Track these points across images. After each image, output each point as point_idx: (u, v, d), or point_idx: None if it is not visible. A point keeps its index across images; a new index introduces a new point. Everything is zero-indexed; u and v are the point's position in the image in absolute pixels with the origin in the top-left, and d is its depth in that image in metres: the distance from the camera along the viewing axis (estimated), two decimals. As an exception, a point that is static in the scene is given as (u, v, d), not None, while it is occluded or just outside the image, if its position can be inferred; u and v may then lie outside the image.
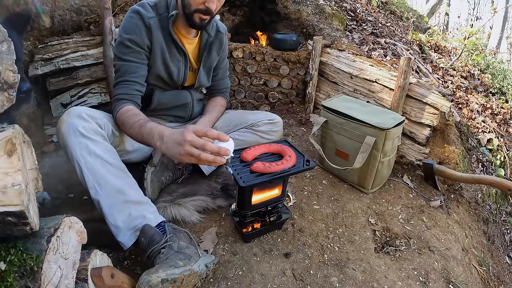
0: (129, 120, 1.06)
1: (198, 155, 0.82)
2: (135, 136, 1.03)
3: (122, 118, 1.09)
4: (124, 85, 1.16)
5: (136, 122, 1.03)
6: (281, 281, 1.04)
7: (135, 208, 1.01)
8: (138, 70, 1.18)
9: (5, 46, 0.57)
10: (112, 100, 1.16)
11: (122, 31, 1.17)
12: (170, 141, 0.89)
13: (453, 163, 1.71)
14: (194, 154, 0.82)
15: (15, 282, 0.60)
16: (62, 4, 1.80)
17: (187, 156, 0.83)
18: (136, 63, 1.17)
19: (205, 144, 0.83)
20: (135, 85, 1.17)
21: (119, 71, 1.17)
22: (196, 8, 1.13)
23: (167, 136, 0.91)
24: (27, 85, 0.91)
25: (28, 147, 0.67)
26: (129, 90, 1.16)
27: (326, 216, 1.36)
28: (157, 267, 0.85)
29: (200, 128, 0.86)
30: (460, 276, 1.19)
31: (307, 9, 2.67)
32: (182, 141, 0.84)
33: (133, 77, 1.16)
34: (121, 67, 1.17)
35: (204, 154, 0.82)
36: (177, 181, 1.42)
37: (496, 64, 4.23)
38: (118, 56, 1.18)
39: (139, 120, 1.03)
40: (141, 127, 1.00)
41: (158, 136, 0.93)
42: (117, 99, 1.14)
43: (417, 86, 1.74)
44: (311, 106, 2.40)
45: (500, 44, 9.14)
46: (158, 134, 0.93)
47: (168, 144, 0.89)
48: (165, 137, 0.91)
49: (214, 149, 0.83)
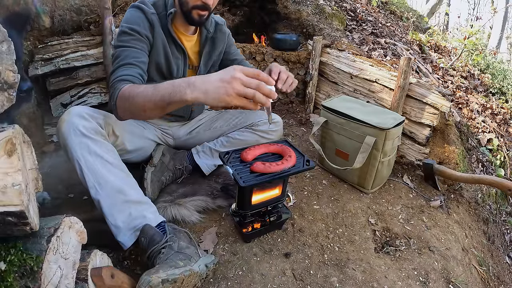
0: (138, 87, 0.90)
1: (253, 95, 0.73)
2: (150, 98, 0.84)
3: (127, 92, 0.91)
4: (127, 68, 1.03)
5: (148, 86, 0.87)
6: (281, 281, 1.04)
7: (135, 208, 1.01)
8: (140, 56, 1.09)
9: (5, 46, 0.57)
10: (111, 84, 0.99)
11: (124, 22, 1.13)
12: (209, 83, 0.74)
13: (453, 163, 1.71)
14: (248, 94, 0.72)
15: (15, 282, 0.60)
16: (62, 4, 1.80)
17: (237, 96, 0.72)
18: (138, 49, 1.09)
19: (260, 84, 0.74)
20: (137, 69, 1.05)
21: (119, 56, 1.06)
22: (194, 5, 1.13)
23: (201, 80, 0.76)
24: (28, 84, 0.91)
25: (28, 147, 0.67)
26: (131, 72, 1.02)
27: (326, 216, 1.36)
28: (157, 267, 0.85)
29: (248, 68, 0.76)
30: (460, 276, 1.19)
31: (307, 9, 2.67)
32: (230, 79, 0.72)
33: (136, 61, 1.06)
34: (122, 52, 1.06)
35: (259, 94, 0.73)
36: (177, 181, 1.42)
37: (496, 64, 4.22)
38: (118, 45, 1.09)
39: (151, 84, 0.88)
40: (157, 86, 0.84)
41: (186, 83, 0.77)
42: (118, 80, 0.98)
43: (417, 86, 1.74)
44: (311, 106, 2.40)
45: (500, 44, 9.15)
46: (186, 81, 0.78)
47: (206, 86, 0.74)
48: (197, 82, 0.76)
49: (267, 90, 0.75)
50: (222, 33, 1.37)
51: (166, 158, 1.37)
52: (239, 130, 1.47)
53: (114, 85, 0.98)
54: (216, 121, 1.51)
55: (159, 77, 1.28)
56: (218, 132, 1.50)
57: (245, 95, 0.73)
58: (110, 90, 0.99)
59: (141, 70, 1.06)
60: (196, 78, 0.77)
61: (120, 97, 0.93)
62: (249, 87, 0.73)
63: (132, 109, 0.91)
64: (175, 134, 1.47)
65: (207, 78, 0.76)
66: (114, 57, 1.08)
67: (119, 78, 0.99)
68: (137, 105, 0.87)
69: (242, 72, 0.73)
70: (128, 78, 0.99)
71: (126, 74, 1.00)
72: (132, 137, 1.25)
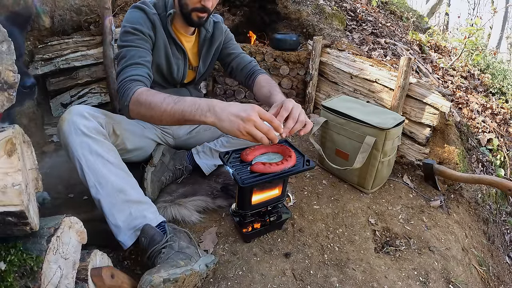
0: (156, 97, 0.93)
1: (261, 138, 0.82)
2: (169, 111, 0.89)
3: (144, 97, 0.94)
4: (135, 67, 1.05)
5: (168, 97, 0.91)
6: (281, 281, 1.04)
7: (135, 208, 1.01)
8: (146, 55, 1.11)
9: (5, 46, 0.57)
10: (121, 83, 1.01)
11: (126, 22, 1.14)
12: (227, 113, 0.82)
13: (453, 163, 1.71)
14: (257, 136, 0.81)
15: (15, 282, 0.60)
16: (62, 4, 1.80)
17: (246, 134, 0.82)
18: (143, 49, 1.11)
19: (270, 131, 0.82)
20: (145, 68, 1.08)
21: (125, 56, 1.07)
22: (193, 7, 1.14)
23: (222, 108, 0.83)
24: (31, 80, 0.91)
25: (28, 147, 0.67)
26: (141, 72, 1.04)
27: (326, 216, 1.36)
28: (158, 267, 0.85)
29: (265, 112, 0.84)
30: (460, 276, 1.19)
31: (307, 9, 2.67)
32: (246, 119, 0.80)
33: (143, 61, 1.08)
34: (128, 52, 1.08)
35: (265, 138, 0.82)
36: (177, 181, 1.42)
37: (496, 64, 4.22)
38: (123, 45, 1.11)
39: (171, 96, 0.92)
40: (179, 101, 0.89)
41: (208, 107, 0.84)
42: (130, 80, 1.00)
43: (417, 86, 1.74)
44: (311, 106, 2.40)
45: (500, 44, 9.15)
46: (207, 105, 0.85)
47: (224, 116, 0.82)
48: (217, 108, 0.84)
49: (273, 136, 0.83)
50: (219, 30, 1.38)
51: (166, 158, 1.37)
52: (239, 130, 1.47)
53: (125, 85, 1.00)
54: None
55: (159, 77, 1.29)
56: (218, 132, 1.50)
57: (254, 136, 0.81)
58: (121, 89, 1.01)
59: (148, 70, 1.09)
60: (217, 104, 0.85)
61: (134, 101, 0.96)
62: (260, 130, 0.81)
63: (147, 116, 0.95)
64: (175, 134, 1.47)
65: (227, 107, 0.83)
66: (120, 56, 1.10)
67: (130, 78, 1.01)
68: (155, 114, 0.92)
69: (258, 115, 0.81)
70: (138, 78, 1.02)
71: (136, 74, 1.03)
72: (132, 136, 1.25)
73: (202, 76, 1.43)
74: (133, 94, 0.96)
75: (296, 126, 0.93)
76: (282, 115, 0.93)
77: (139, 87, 0.98)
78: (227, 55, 1.42)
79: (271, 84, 1.26)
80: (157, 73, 1.26)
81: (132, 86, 0.98)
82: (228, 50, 1.42)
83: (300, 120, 0.94)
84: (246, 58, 1.42)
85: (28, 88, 0.91)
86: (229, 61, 1.42)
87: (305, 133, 0.97)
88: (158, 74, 1.27)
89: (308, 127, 0.97)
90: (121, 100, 1.00)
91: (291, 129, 0.93)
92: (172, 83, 1.34)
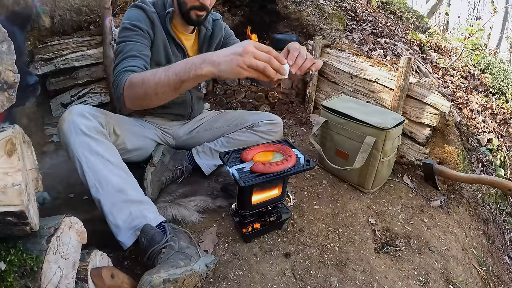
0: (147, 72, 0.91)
1: (264, 67, 0.75)
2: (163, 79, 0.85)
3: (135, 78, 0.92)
4: (131, 59, 1.03)
5: (158, 69, 0.88)
6: (281, 281, 1.04)
7: (135, 208, 1.01)
8: (143, 49, 1.09)
9: (5, 46, 0.57)
10: (115, 75, 1.00)
11: (125, 19, 1.14)
12: (222, 56, 0.77)
13: (453, 163, 1.71)
14: (259, 66, 0.75)
15: (15, 282, 0.60)
16: (62, 4, 1.80)
17: (248, 68, 0.75)
18: (141, 43, 1.10)
19: (271, 58, 0.76)
20: (142, 60, 1.06)
21: (122, 50, 1.06)
22: (192, 6, 1.15)
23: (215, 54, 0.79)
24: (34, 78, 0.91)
25: (28, 147, 0.67)
26: (136, 63, 1.02)
27: (326, 216, 1.36)
28: (158, 267, 0.85)
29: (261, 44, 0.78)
30: (460, 276, 1.19)
31: (307, 9, 2.67)
32: (242, 52, 0.75)
33: (139, 53, 1.07)
34: (125, 46, 1.07)
35: (269, 67, 0.76)
36: (177, 181, 1.42)
37: (496, 64, 4.22)
38: (121, 40, 1.10)
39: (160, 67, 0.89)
40: (170, 67, 0.85)
41: (201, 59, 0.79)
42: (124, 70, 0.99)
43: (417, 86, 1.74)
44: (311, 106, 2.40)
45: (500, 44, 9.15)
46: (200, 57, 0.80)
47: (220, 59, 0.77)
48: (210, 56, 0.79)
49: (277, 65, 0.77)
50: (219, 27, 1.38)
51: (166, 158, 1.37)
52: (239, 131, 1.47)
53: (119, 76, 0.98)
54: (217, 122, 1.51)
55: None
56: (218, 133, 1.50)
57: (256, 67, 0.75)
58: (115, 82, 0.99)
59: (145, 62, 1.07)
60: (209, 53, 0.80)
61: (128, 86, 0.93)
62: (260, 60, 0.75)
63: (142, 95, 0.91)
64: (175, 134, 1.47)
65: (220, 51, 0.79)
66: (117, 52, 1.09)
67: (124, 69, 1.00)
68: (149, 89, 0.88)
69: (254, 47, 0.76)
70: (133, 68, 1.00)
71: (131, 65, 1.01)
72: (132, 136, 1.25)
73: None
74: (125, 81, 0.94)
75: (306, 63, 0.88)
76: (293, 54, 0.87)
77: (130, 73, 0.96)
78: None
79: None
80: None
81: (125, 75, 0.97)
82: (230, 45, 1.40)
83: (309, 57, 0.89)
84: None
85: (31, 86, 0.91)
86: None
87: (316, 69, 0.93)
88: None
89: (319, 63, 0.92)
90: (115, 92, 0.98)
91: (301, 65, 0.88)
92: None
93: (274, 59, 0.77)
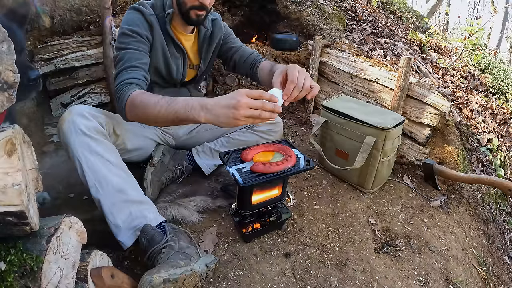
0: (150, 99, 0.94)
1: (259, 115, 0.81)
2: (163, 113, 0.90)
3: (139, 100, 0.95)
4: (131, 71, 1.06)
5: (161, 99, 0.92)
6: (281, 281, 1.04)
7: (135, 208, 1.01)
8: (142, 58, 1.11)
9: (5, 46, 0.57)
10: (118, 87, 1.03)
11: (124, 24, 1.15)
12: (219, 107, 0.82)
13: (453, 163, 1.71)
14: (255, 115, 0.81)
15: (15, 282, 0.60)
16: (62, 4, 1.80)
17: (245, 118, 0.81)
18: (139, 51, 1.12)
19: (264, 103, 0.82)
20: (141, 71, 1.08)
21: (122, 59, 1.09)
22: (191, 5, 1.15)
23: (213, 104, 0.84)
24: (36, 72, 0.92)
25: (28, 147, 0.67)
26: (137, 75, 1.05)
27: (326, 216, 1.36)
28: (158, 267, 0.85)
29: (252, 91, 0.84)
30: (460, 276, 1.19)
31: (307, 9, 2.67)
32: (237, 105, 0.79)
33: (139, 63, 1.09)
34: (125, 54, 1.09)
35: (264, 113, 0.82)
36: (177, 181, 1.42)
37: (496, 64, 4.22)
38: (120, 47, 1.12)
39: (164, 98, 0.92)
40: (172, 102, 0.89)
41: (200, 106, 0.85)
42: (125, 83, 1.02)
43: (417, 86, 1.74)
44: (311, 106, 2.40)
45: (500, 44, 9.16)
46: (199, 104, 0.85)
47: (217, 111, 0.82)
48: (209, 105, 0.84)
49: (271, 107, 0.82)
50: (218, 27, 1.37)
51: (166, 158, 1.37)
52: (239, 131, 1.47)
53: (121, 88, 1.01)
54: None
55: (158, 78, 1.29)
56: (218, 132, 1.50)
57: (252, 116, 0.81)
58: (117, 93, 1.02)
59: (145, 72, 1.09)
60: (208, 102, 0.85)
61: (130, 104, 0.97)
62: (255, 108, 0.81)
63: (142, 117, 0.96)
64: (175, 134, 1.47)
65: (217, 102, 0.83)
66: (117, 59, 1.10)
67: (125, 81, 1.02)
68: (149, 115, 0.93)
69: (246, 95, 0.81)
70: (134, 81, 1.03)
71: (132, 77, 1.03)
72: (132, 136, 1.25)
73: (202, 74, 1.43)
74: (128, 97, 0.97)
75: (300, 94, 0.92)
76: (289, 88, 0.91)
77: (134, 90, 0.99)
78: (228, 49, 1.40)
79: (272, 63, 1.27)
80: (156, 74, 1.26)
81: (128, 89, 0.99)
82: (228, 45, 1.40)
83: (305, 88, 0.92)
84: (248, 50, 1.40)
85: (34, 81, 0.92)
86: (231, 55, 1.40)
87: (312, 97, 0.96)
88: (157, 75, 1.27)
89: (315, 91, 0.95)
90: (118, 104, 1.01)
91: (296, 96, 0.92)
92: (172, 83, 1.34)
93: (268, 103, 0.82)
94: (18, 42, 0.94)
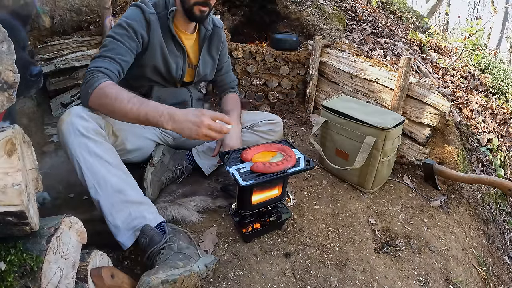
0: (123, 94, 0.98)
1: (215, 137, 0.97)
2: (135, 111, 0.96)
3: (110, 90, 0.98)
4: (110, 62, 1.08)
5: (134, 98, 0.97)
6: (281, 281, 1.04)
7: (134, 208, 1.01)
8: (125, 54, 1.12)
9: (5, 46, 0.57)
10: (91, 69, 1.04)
11: (123, 17, 1.17)
12: (185, 121, 0.95)
13: (453, 163, 1.71)
14: (212, 135, 0.96)
15: (15, 282, 0.60)
16: (62, 4, 1.80)
17: (204, 137, 0.96)
18: (126, 48, 1.13)
19: (222, 127, 0.97)
20: (118, 66, 1.09)
21: (107, 46, 1.10)
22: (195, 1, 1.16)
23: (180, 116, 0.95)
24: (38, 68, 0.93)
25: (28, 147, 0.67)
26: (112, 68, 1.07)
27: (326, 216, 1.36)
28: (157, 268, 0.85)
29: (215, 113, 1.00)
30: (460, 276, 1.19)
31: (307, 9, 2.67)
32: (200, 124, 0.94)
33: (119, 59, 1.10)
34: (110, 43, 1.10)
35: (220, 135, 0.98)
36: (177, 181, 1.42)
37: (496, 64, 4.22)
38: (111, 35, 1.12)
39: (136, 97, 0.98)
40: (143, 103, 0.97)
41: (169, 115, 0.95)
42: (99, 70, 1.03)
43: (417, 86, 1.74)
44: (311, 106, 2.40)
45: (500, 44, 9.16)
46: (168, 113, 0.96)
47: (183, 125, 0.95)
48: (177, 117, 0.95)
49: (226, 131, 0.99)
50: (218, 36, 1.40)
51: (166, 158, 1.37)
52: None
53: (94, 73, 1.03)
54: None
55: (158, 77, 1.29)
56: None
57: (210, 136, 0.96)
58: (88, 75, 1.03)
59: (120, 68, 1.11)
60: (176, 113, 0.96)
61: (100, 92, 0.99)
62: (213, 130, 0.96)
63: (108, 108, 0.99)
64: (175, 134, 1.47)
65: (184, 116, 0.96)
66: (103, 44, 1.13)
67: (100, 68, 1.04)
68: (118, 109, 0.97)
69: (210, 117, 0.96)
70: (107, 72, 1.05)
71: (106, 67, 1.06)
72: (132, 137, 1.25)
73: (202, 78, 1.43)
74: (100, 84, 0.99)
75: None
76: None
77: (106, 79, 1.02)
78: (218, 69, 1.50)
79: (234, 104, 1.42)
80: (155, 73, 1.26)
81: (100, 77, 1.02)
82: (220, 64, 1.49)
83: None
84: (230, 78, 1.54)
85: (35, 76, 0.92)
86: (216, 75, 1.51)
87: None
88: (157, 73, 1.27)
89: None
90: (85, 86, 1.02)
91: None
92: (172, 82, 1.34)
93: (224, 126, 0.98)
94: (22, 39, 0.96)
